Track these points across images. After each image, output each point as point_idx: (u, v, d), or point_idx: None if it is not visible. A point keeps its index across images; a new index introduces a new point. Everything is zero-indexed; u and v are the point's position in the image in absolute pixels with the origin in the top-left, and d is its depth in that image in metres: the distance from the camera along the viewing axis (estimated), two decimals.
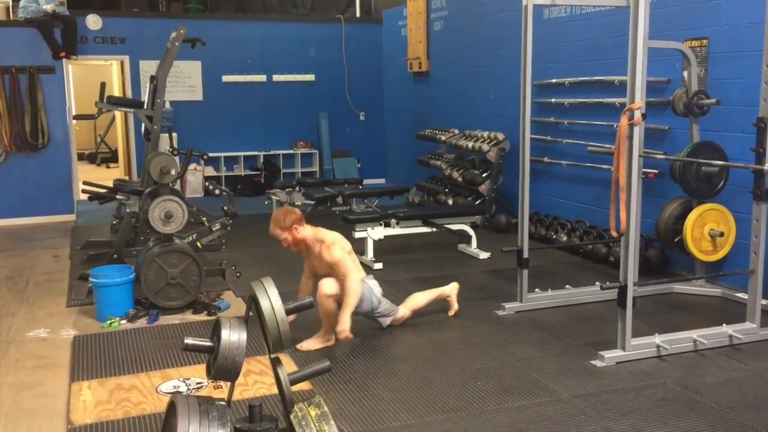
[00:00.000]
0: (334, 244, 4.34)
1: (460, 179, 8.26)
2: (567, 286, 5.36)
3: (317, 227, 4.52)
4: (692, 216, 4.97)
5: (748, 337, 4.33)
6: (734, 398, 3.61)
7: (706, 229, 4.99)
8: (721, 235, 4.99)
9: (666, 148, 5.79)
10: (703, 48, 5.47)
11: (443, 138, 8.78)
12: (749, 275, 4.41)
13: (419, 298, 4.84)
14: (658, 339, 4.19)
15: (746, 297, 4.51)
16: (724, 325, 4.37)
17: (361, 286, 4.32)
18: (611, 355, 4.09)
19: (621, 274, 4.08)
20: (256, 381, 3.87)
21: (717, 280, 5.45)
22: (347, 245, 4.42)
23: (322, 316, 4.33)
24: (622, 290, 4.06)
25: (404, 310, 4.72)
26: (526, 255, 4.99)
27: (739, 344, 4.30)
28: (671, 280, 5.60)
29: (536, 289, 5.22)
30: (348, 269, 4.26)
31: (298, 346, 4.32)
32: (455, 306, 4.93)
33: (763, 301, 4.54)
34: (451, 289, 4.95)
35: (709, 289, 5.38)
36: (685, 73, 5.29)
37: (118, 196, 6.88)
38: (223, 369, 2.29)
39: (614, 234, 4.19)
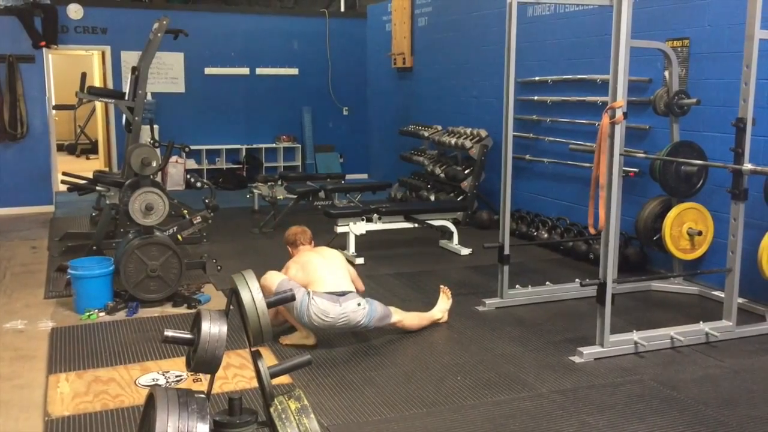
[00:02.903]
0: (291, 259, 4.57)
1: (442, 175, 8.28)
2: (547, 283, 5.39)
3: (307, 251, 4.58)
4: (671, 214, 5.02)
5: (724, 334, 4.39)
6: (710, 395, 3.66)
7: (685, 227, 5.04)
8: (700, 233, 5.05)
9: (646, 147, 5.84)
10: (685, 48, 5.52)
11: (426, 134, 8.80)
12: (726, 274, 4.47)
13: (411, 319, 4.61)
14: (636, 336, 4.23)
15: (723, 295, 4.57)
16: (701, 322, 4.43)
17: (269, 279, 4.23)
18: (590, 351, 4.13)
19: (600, 272, 4.12)
20: (236, 374, 3.86)
21: (695, 278, 5.51)
22: (302, 258, 4.46)
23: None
24: (602, 287, 4.10)
25: (399, 315, 4.54)
26: (507, 251, 5.01)
27: (715, 342, 4.35)
28: (650, 277, 5.66)
29: (517, 286, 5.25)
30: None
31: (281, 340, 4.31)
32: (446, 318, 4.87)
33: (740, 300, 4.60)
34: (442, 313, 4.79)
35: (687, 287, 5.45)
36: (666, 73, 5.34)
37: (98, 188, 6.81)
38: (203, 362, 2.28)
39: (592, 231, 4.23)
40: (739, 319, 4.50)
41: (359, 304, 4.21)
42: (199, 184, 7.62)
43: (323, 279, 4.26)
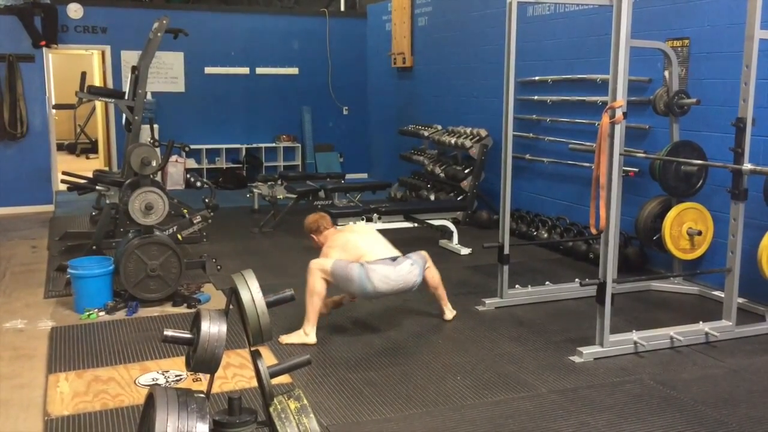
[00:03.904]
0: (325, 246, 4.60)
1: (442, 175, 8.28)
2: (547, 283, 5.39)
3: (338, 233, 4.66)
4: (671, 214, 5.02)
5: (724, 334, 4.39)
6: (709, 395, 3.66)
7: (685, 227, 5.04)
8: (699, 233, 5.05)
9: (646, 146, 5.84)
10: (685, 48, 5.52)
11: (426, 134, 8.79)
12: (726, 274, 4.47)
13: (435, 274, 4.74)
14: (635, 336, 4.24)
15: (723, 295, 4.57)
16: (701, 322, 4.43)
17: (315, 276, 4.31)
18: (589, 351, 4.13)
19: (600, 271, 4.12)
20: (235, 374, 3.86)
21: (694, 278, 5.51)
22: (338, 240, 4.54)
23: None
24: (601, 287, 4.10)
25: (430, 262, 4.70)
26: (507, 251, 5.01)
27: (715, 341, 4.35)
28: (650, 277, 5.66)
29: (516, 285, 5.25)
30: (310, 265, 4.39)
31: (280, 339, 4.31)
32: (448, 316, 4.87)
33: (739, 300, 4.61)
34: (451, 313, 4.84)
35: (687, 287, 5.45)
36: (666, 73, 5.34)
37: (97, 187, 6.82)
38: (203, 361, 2.28)
39: (594, 231, 4.23)
40: (739, 319, 4.50)
41: (411, 264, 4.42)
42: (199, 184, 7.62)
43: (370, 250, 4.44)
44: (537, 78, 7.16)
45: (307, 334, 4.33)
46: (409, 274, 4.37)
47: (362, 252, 4.42)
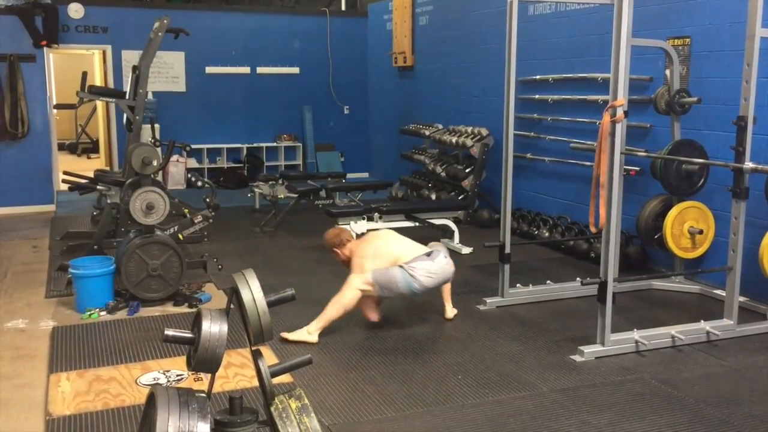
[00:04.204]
0: (353, 267, 4.52)
1: (443, 174, 8.28)
2: (548, 282, 5.39)
3: (363, 243, 4.63)
4: (672, 213, 5.02)
5: (725, 333, 4.39)
6: (711, 393, 3.66)
7: (686, 226, 5.04)
8: (701, 232, 5.04)
9: (647, 145, 5.83)
10: (686, 47, 5.51)
11: (427, 133, 8.79)
12: (727, 272, 4.47)
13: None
14: (636, 335, 4.23)
15: (724, 294, 4.57)
16: (702, 321, 4.42)
17: (354, 292, 4.35)
18: (591, 350, 4.13)
19: (601, 270, 4.12)
20: (236, 373, 3.86)
21: (696, 277, 5.51)
22: (368, 250, 4.52)
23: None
24: (602, 286, 4.09)
25: None
26: (508, 250, 5.01)
27: (716, 340, 4.35)
28: (651, 276, 5.65)
29: (518, 285, 5.25)
30: (348, 280, 4.41)
31: (282, 335, 4.32)
32: (449, 315, 4.89)
33: (741, 298, 4.60)
34: (452, 312, 4.89)
35: (688, 285, 5.44)
36: (668, 72, 5.34)
37: (98, 187, 6.82)
38: (204, 361, 2.28)
39: (593, 229, 4.23)
40: (740, 318, 4.50)
41: (446, 257, 4.52)
42: (200, 183, 7.61)
43: (403, 253, 4.48)
44: (538, 77, 7.15)
45: (310, 333, 4.33)
46: (446, 265, 4.50)
47: (396, 255, 4.46)
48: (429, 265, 4.38)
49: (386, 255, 4.47)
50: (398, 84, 10.46)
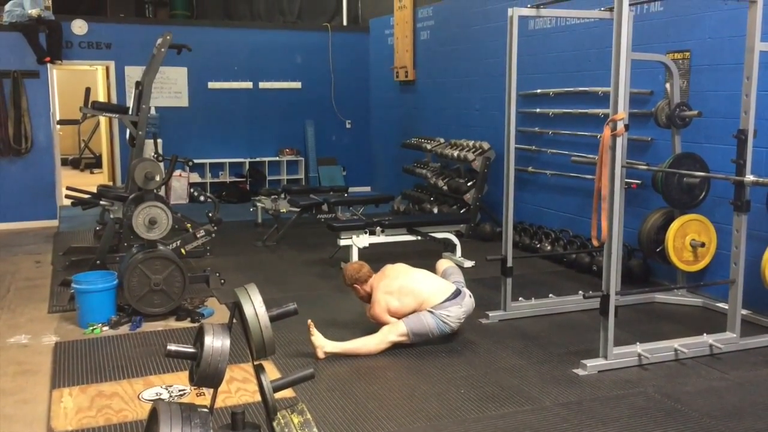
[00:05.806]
0: (376, 303, 4.57)
1: (445, 188, 8.29)
2: (550, 295, 5.39)
3: (384, 281, 4.63)
4: (674, 226, 5.02)
5: (728, 346, 4.38)
6: (714, 407, 3.65)
7: (688, 239, 5.04)
8: (702, 245, 5.04)
9: (648, 159, 5.85)
10: (686, 60, 5.54)
11: (429, 147, 8.81)
12: (730, 285, 4.46)
13: None
14: (639, 348, 4.22)
15: (727, 307, 4.56)
16: (705, 334, 4.42)
17: (387, 345, 4.40)
18: (593, 364, 4.12)
19: (603, 284, 4.12)
20: (239, 388, 3.86)
21: (698, 290, 5.50)
22: (392, 286, 4.56)
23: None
24: (605, 299, 4.09)
25: None
26: (510, 264, 5.01)
27: (719, 354, 4.34)
28: (653, 289, 5.65)
29: (520, 298, 5.24)
30: (381, 330, 4.47)
31: (310, 323, 4.34)
32: None
33: (744, 311, 4.59)
34: None
35: (691, 298, 5.43)
36: (668, 85, 5.36)
37: (101, 202, 6.85)
38: (206, 376, 2.29)
39: (595, 243, 4.23)
40: (743, 331, 4.49)
41: (470, 296, 4.63)
42: (202, 198, 7.64)
43: (431, 294, 4.53)
44: (539, 91, 7.18)
45: (324, 350, 4.30)
46: (471, 304, 4.63)
47: (423, 297, 4.51)
48: (458, 311, 4.50)
49: (411, 295, 4.52)
50: (400, 98, 10.50)
